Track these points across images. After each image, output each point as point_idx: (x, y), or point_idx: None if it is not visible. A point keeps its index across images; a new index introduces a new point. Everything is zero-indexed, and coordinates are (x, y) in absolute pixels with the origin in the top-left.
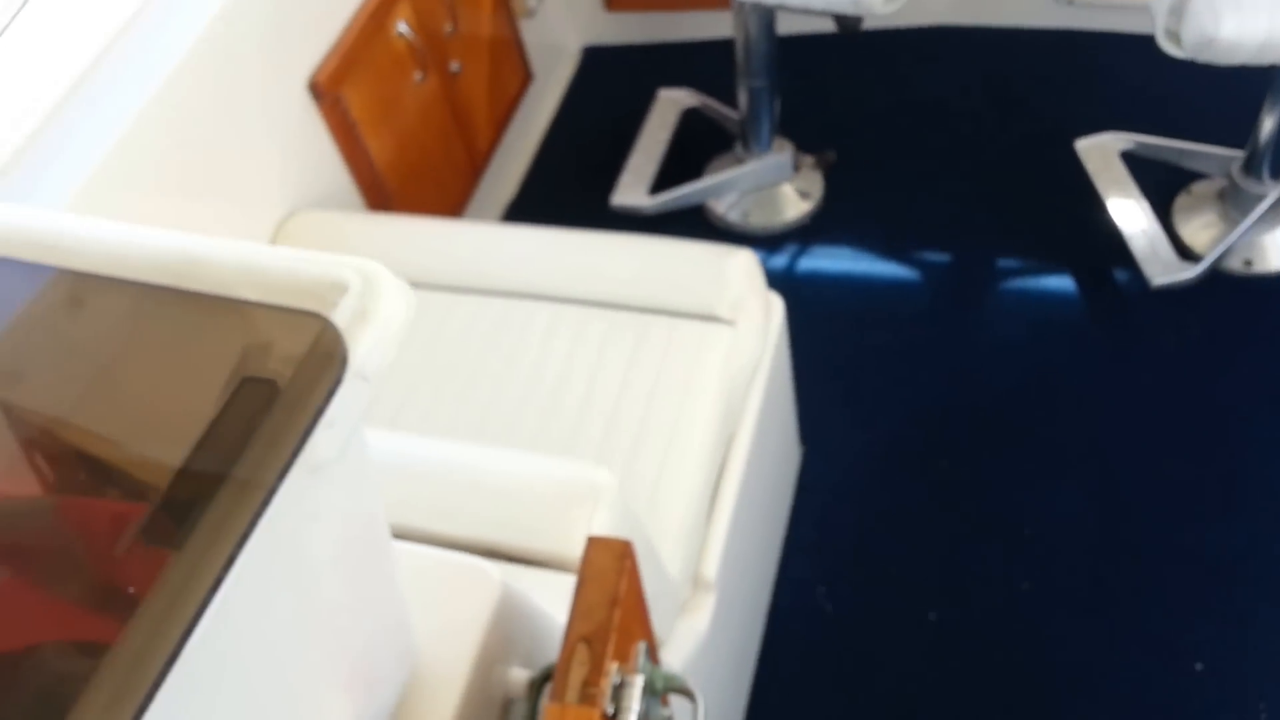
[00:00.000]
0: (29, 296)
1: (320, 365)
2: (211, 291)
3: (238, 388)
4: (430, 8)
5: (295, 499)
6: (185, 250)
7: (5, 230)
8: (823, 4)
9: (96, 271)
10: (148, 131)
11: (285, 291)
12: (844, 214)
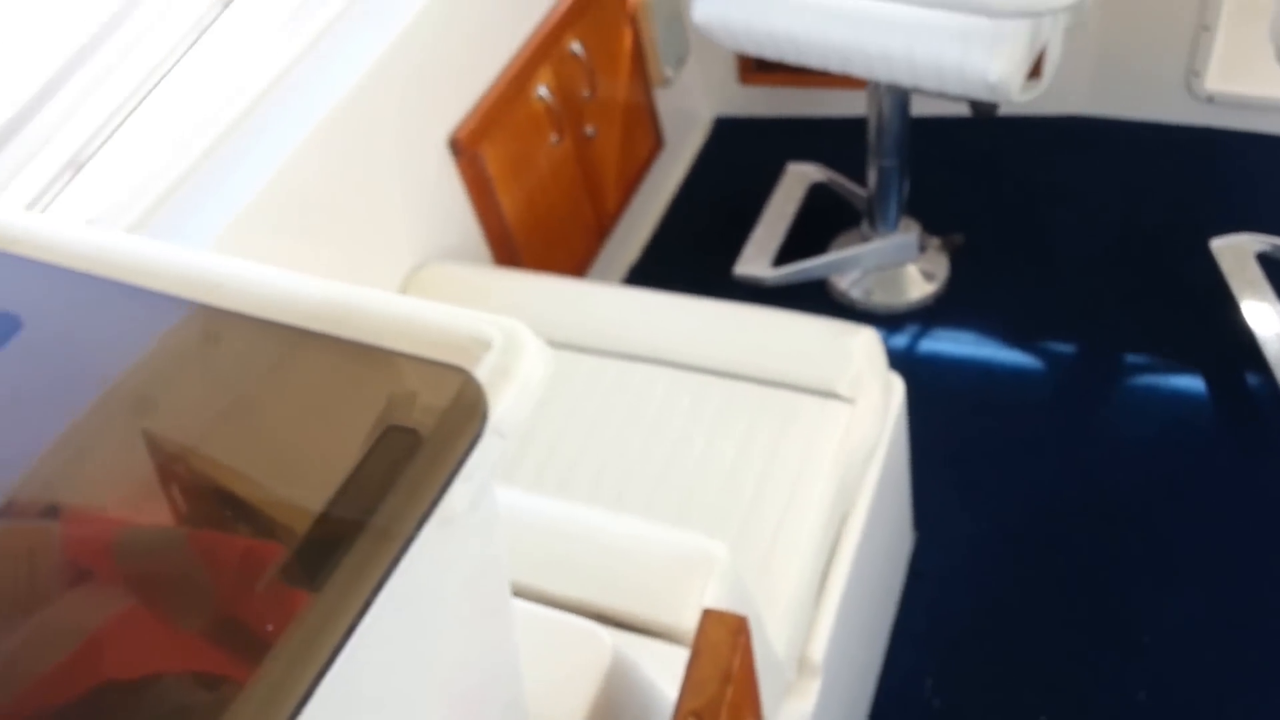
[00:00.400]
0: (170, 328)
1: (462, 418)
2: (360, 339)
3: (382, 435)
4: (571, 73)
5: (428, 549)
6: (337, 297)
7: (154, 264)
8: (959, 89)
9: (248, 311)
10: (293, 178)
11: (431, 344)
12: (969, 298)
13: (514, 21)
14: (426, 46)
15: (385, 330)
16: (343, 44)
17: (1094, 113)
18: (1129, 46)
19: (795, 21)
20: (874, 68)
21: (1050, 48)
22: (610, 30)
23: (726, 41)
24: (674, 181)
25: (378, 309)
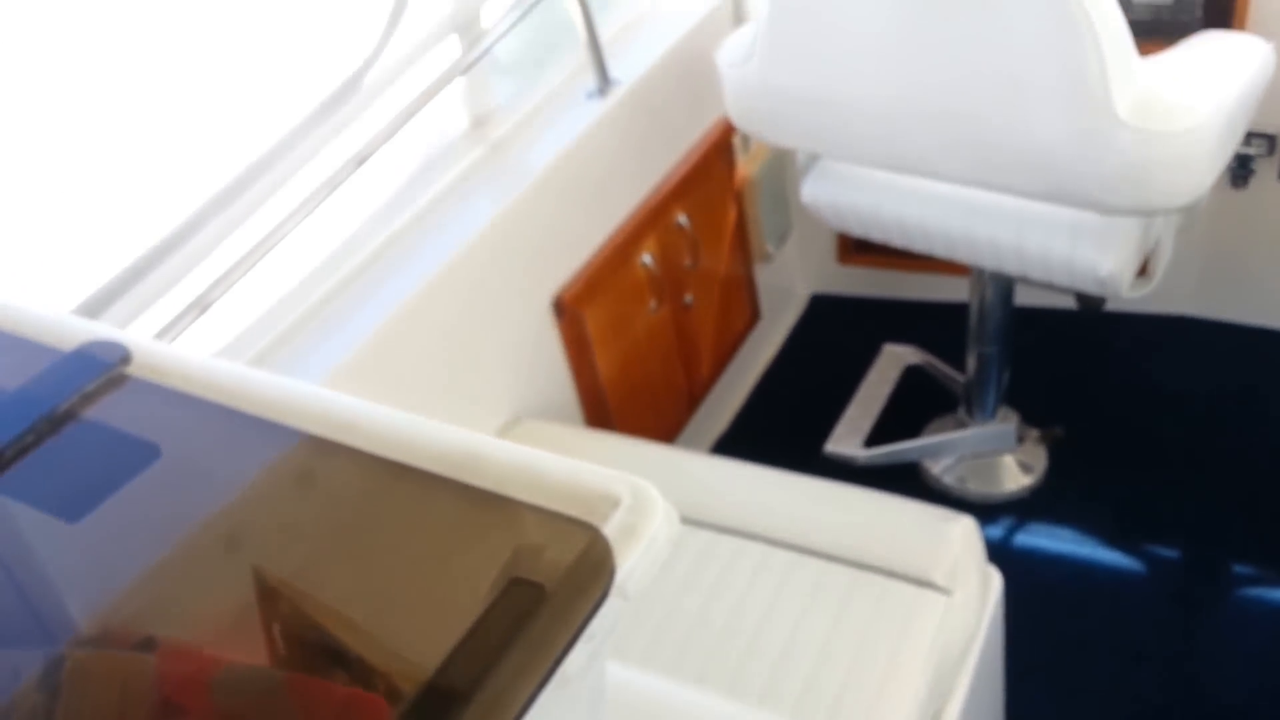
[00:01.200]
0: (286, 461)
1: (589, 576)
2: (489, 488)
3: (507, 587)
4: (675, 243)
5: (543, 711)
6: (470, 445)
7: (287, 400)
8: (1067, 282)
9: (373, 450)
10: (402, 327)
11: (560, 498)
12: (1068, 494)
13: (626, 192)
14: (541, 210)
15: (511, 479)
16: (463, 205)
17: (1201, 314)
18: (1238, 250)
19: (903, 206)
20: (980, 256)
21: (1161, 246)
22: (716, 205)
23: (833, 221)
24: (768, 355)
25: (505, 458)
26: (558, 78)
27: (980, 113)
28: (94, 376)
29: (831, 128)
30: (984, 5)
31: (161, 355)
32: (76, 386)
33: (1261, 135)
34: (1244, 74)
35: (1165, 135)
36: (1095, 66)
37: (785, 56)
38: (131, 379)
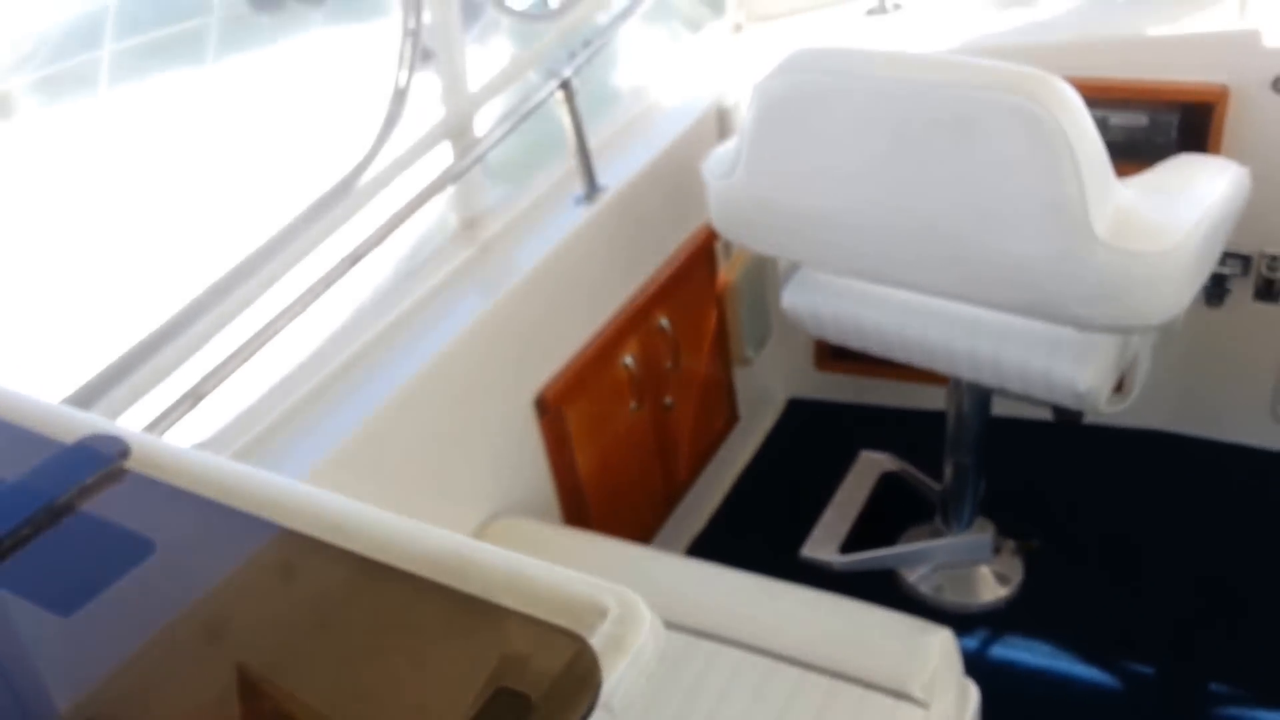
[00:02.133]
0: (268, 555)
1: (575, 689)
2: (476, 594)
3: (493, 696)
4: (656, 345)
5: None
6: (457, 550)
7: (278, 497)
8: (1045, 395)
9: (362, 553)
10: (388, 422)
11: (547, 606)
12: (1044, 606)
13: (610, 294)
14: (527, 310)
15: (498, 585)
16: (451, 303)
17: (1179, 430)
18: (1214, 368)
19: (883, 316)
20: (958, 366)
21: (1138, 363)
22: (697, 308)
23: (812, 329)
24: (745, 457)
25: (493, 563)
26: (546, 183)
27: (960, 230)
28: (93, 470)
29: (812, 240)
30: (964, 127)
31: (159, 451)
32: (76, 480)
33: (1236, 255)
34: (1220, 196)
35: (1143, 255)
36: (1074, 187)
37: (768, 170)
38: (130, 473)
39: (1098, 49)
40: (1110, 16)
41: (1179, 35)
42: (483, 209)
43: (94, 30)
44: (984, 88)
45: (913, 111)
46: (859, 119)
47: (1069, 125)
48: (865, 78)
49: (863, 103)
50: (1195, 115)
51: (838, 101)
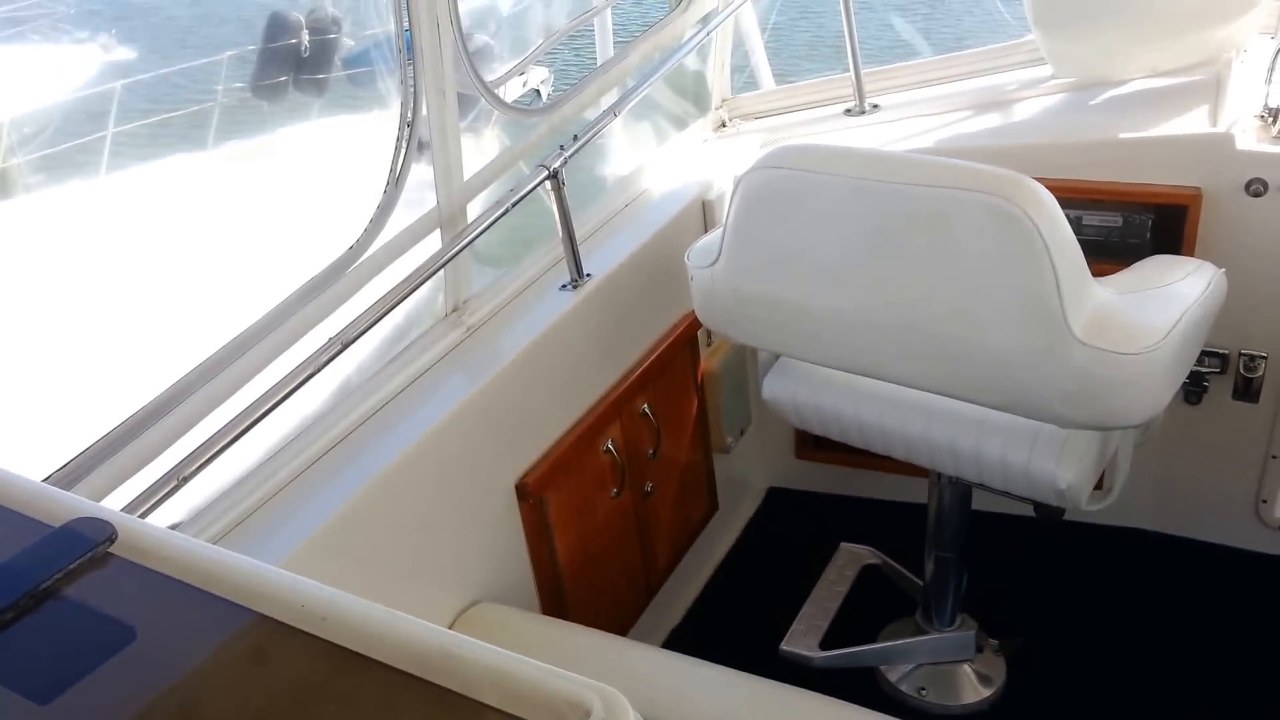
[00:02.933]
0: (241, 641)
1: None
2: (456, 690)
3: None
4: (638, 432)
5: None
6: (440, 643)
7: (266, 586)
8: (1026, 491)
9: (346, 645)
10: (364, 508)
11: (529, 704)
12: (1027, 707)
13: (593, 380)
14: (510, 396)
15: (478, 681)
16: (436, 387)
17: (1162, 529)
18: (1194, 467)
19: (863, 407)
20: (939, 460)
21: (1119, 460)
22: (679, 395)
23: (792, 418)
24: (724, 547)
25: (474, 658)
26: (534, 269)
27: (939, 326)
28: (79, 555)
29: (792, 331)
30: (940, 225)
31: (145, 536)
32: (61, 564)
33: (1214, 354)
34: (1196, 297)
35: (1121, 356)
36: (1051, 286)
37: (749, 262)
38: (115, 558)
39: (1071, 151)
40: (1083, 119)
41: (1152, 139)
42: (470, 294)
43: (99, 112)
44: (959, 187)
45: (890, 209)
46: (837, 215)
47: (1044, 224)
48: (844, 175)
49: (841, 199)
50: (1169, 216)
51: (817, 197)
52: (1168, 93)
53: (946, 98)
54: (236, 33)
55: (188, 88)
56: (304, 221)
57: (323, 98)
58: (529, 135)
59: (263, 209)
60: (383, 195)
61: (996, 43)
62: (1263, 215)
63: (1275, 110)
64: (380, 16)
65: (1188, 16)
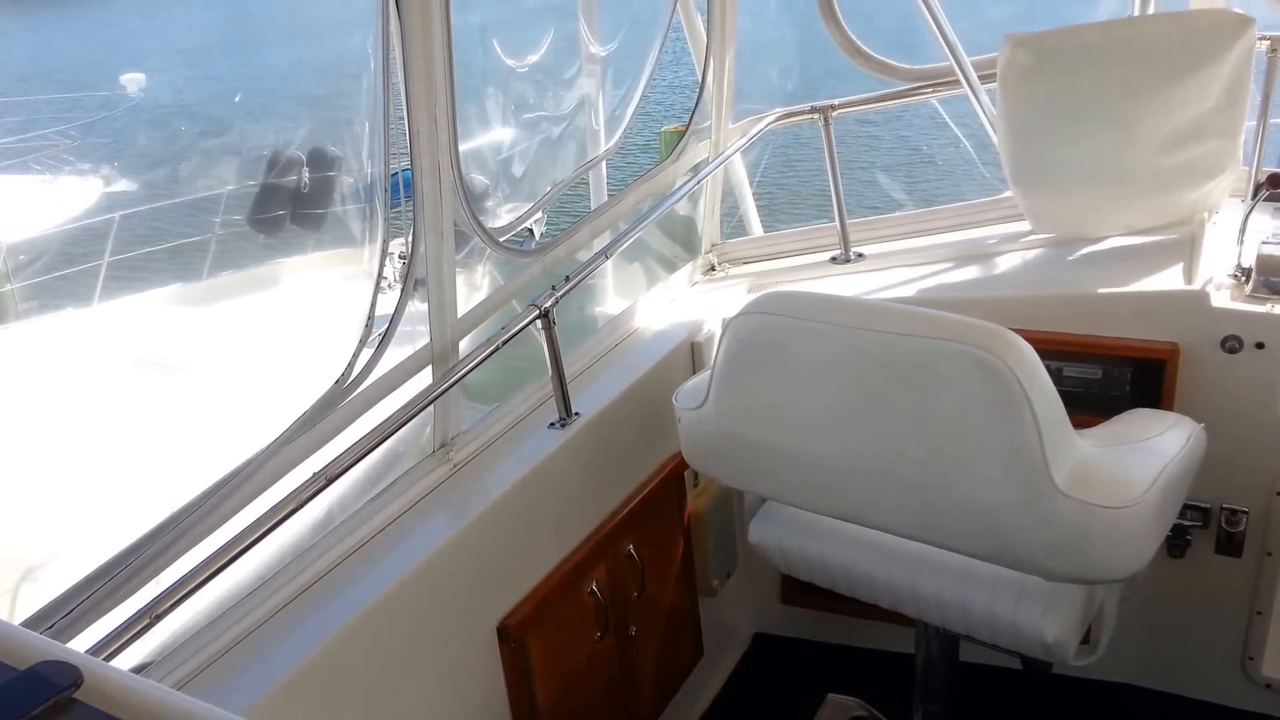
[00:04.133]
0: None
1: None
2: None
3: None
4: (623, 574)
5: None
6: None
7: None
8: (1012, 644)
9: None
10: (342, 649)
11: None
12: None
13: (579, 521)
14: (495, 535)
15: None
16: (420, 525)
17: (1148, 684)
18: (1181, 622)
19: (849, 554)
20: (926, 611)
21: (1105, 613)
22: (665, 537)
23: (779, 563)
24: (709, 695)
25: None
26: (523, 406)
27: (922, 475)
28: (43, 700)
29: (778, 476)
30: (923, 375)
31: (111, 681)
32: (24, 710)
33: (1196, 508)
34: (1177, 452)
35: (1104, 510)
36: (1033, 437)
37: (736, 405)
38: (80, 705)
39: (1051, 305)
40: (1062, 274)
41: (1130, 294)
42: (459, 430)
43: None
44: (942, 337)
45: (874, 357)
46: (823, 362)
47: (1024, 376)
48: (830, 322)
49: (826, 346)
50: (1148, 370)
51: (803, 344)
52: (1144, 250)
53: (929, 249)
54: (239, 168)
55: (187, 219)
56: (291, 355)
57: (319, 232)
58: (521, 274)
59: (250, 341)
60: (365, 329)
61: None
62: (1239, 371)
63: (1248, 270)
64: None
65: (1162, 180)
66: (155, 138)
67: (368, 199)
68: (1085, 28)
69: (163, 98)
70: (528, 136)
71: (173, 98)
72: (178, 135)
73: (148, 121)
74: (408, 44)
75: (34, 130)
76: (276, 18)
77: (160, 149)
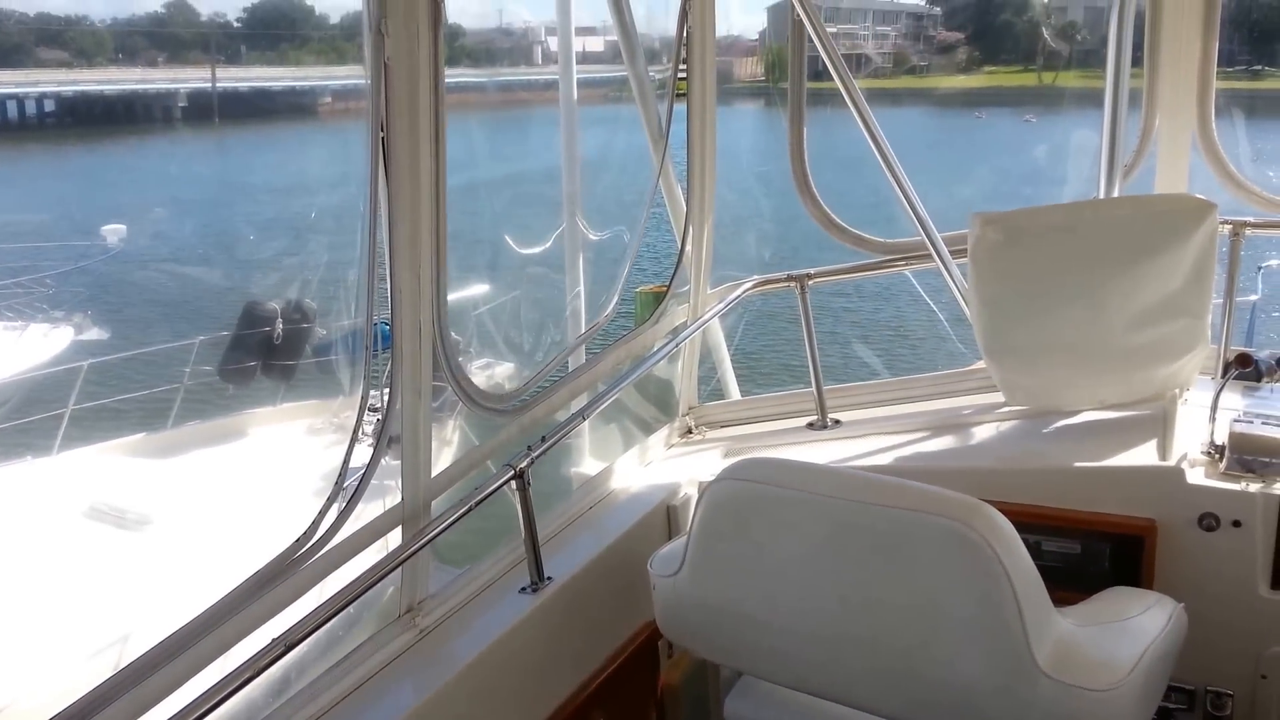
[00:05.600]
0: None
1: None
2: None
3: None
4: None
5: None
6: None
7: None
8: None
9: None
10: None
11: None
12: None
13: (548, 689)
14: (460, 706)
15: None
16: (385, 694)
17: None
18: None
19: None
20: None
21: None
22: (638, 710)
23: None
24: None
25: None
26: (494, 569)
27: (901, 652)
28: None
29: (756, 649)
30: (899, 547)
31: None
32: None
33: (1181, 690)
34: (1158, 632)
35: (1088, 693)
36: (1013, 613)
37: (712, 573)
38: None
39: (1028, 477)
40: (1037, 446)
41: (1105, 469)
42: (426, 594)
43: (62, 387)
44: (919, 510)
45: (851, 528)
46: (800, 531)
47: (1002, 551)
48: (807, 491)
49: (804, 515)
50: (1127, 546)
51: (780, 512)
52: (1118, 425)
53: (905, 418)
54: (213, 318)
55: (158, 368)
56: (255, 509)
57: (288, 383)
58: (498, 433)
59: (214, 495)
60: (336, 485)
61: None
62: (1217, 549)
63: (1221, 447)
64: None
65: (1132, 356)
66: (131, 287)
67: (341, 351)
68: (1052, 209)
69: (142, 248)
70: (507, 291)
71: (152, 248)
72: (153, 285)
73: (125, 271)
74: (394, 200)
75: (8, 279)
76: (264, 175)
77: (135, 298)
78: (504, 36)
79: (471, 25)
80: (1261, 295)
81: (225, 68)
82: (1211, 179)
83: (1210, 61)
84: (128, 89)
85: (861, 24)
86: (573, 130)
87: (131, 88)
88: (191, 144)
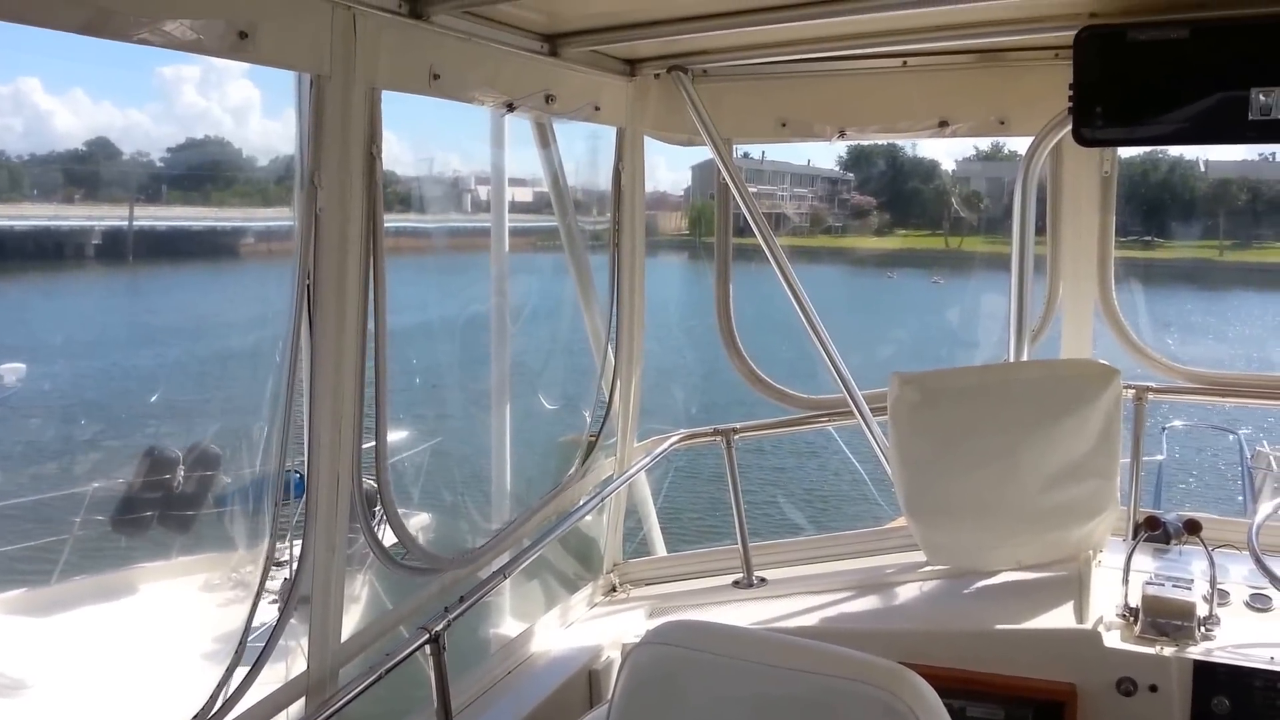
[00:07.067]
0: None
1: None
2: None
3: None
4: None
5: None
6: None
7: None
8: None
9: None
10: None
11: None
12: None
13: None
14: None
15: None
16: None
17: None
18: None
19: None
20: None
21: None
22: None
23: None
24: None
25: None
26: None
27: None
28: None
29: None
30: (823, 713)
31: None
32: None
33: None
34: None
35: None
36: None
37: None
38: None
39: (949, 640)
40: (958, 607)
41: (1024, 632)
42: None
43: None
44: (844, 676)
45: (775, 695)
46: (724, 697)
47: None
48: (731, 656)
49: (728, 681)
50: (1048, 711)
51: (704, 677)
52: (1036, 586)
53: (829, 576)
54: (109, 464)
55: (46, 517)
56: (140, 677)
57: (186, 535)
58: (415, 593)
59: (96, 659)
60: (237, 651)
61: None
62: (1136, 716)
63: (1135, 610)
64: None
65: (1046, 517)
66: (25, 428)
67: (242, 501)
68: (967, 370)
69: (41, 389)
70: (427, 438)
71: (50, 389)
72: (48, 428)
73: (17, 413)
74: (317, 348)
75: None
76: (173, 317)
77: (28, 441)
78: (435, 185)
79: (405, 173)
80: (1166, 456)
81: (145, 205)
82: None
83: (1108, 235)
84: (39, 225)
85: (780, 185)
86: (504, 277)
87: (43, 224)
88: (103, 283)
